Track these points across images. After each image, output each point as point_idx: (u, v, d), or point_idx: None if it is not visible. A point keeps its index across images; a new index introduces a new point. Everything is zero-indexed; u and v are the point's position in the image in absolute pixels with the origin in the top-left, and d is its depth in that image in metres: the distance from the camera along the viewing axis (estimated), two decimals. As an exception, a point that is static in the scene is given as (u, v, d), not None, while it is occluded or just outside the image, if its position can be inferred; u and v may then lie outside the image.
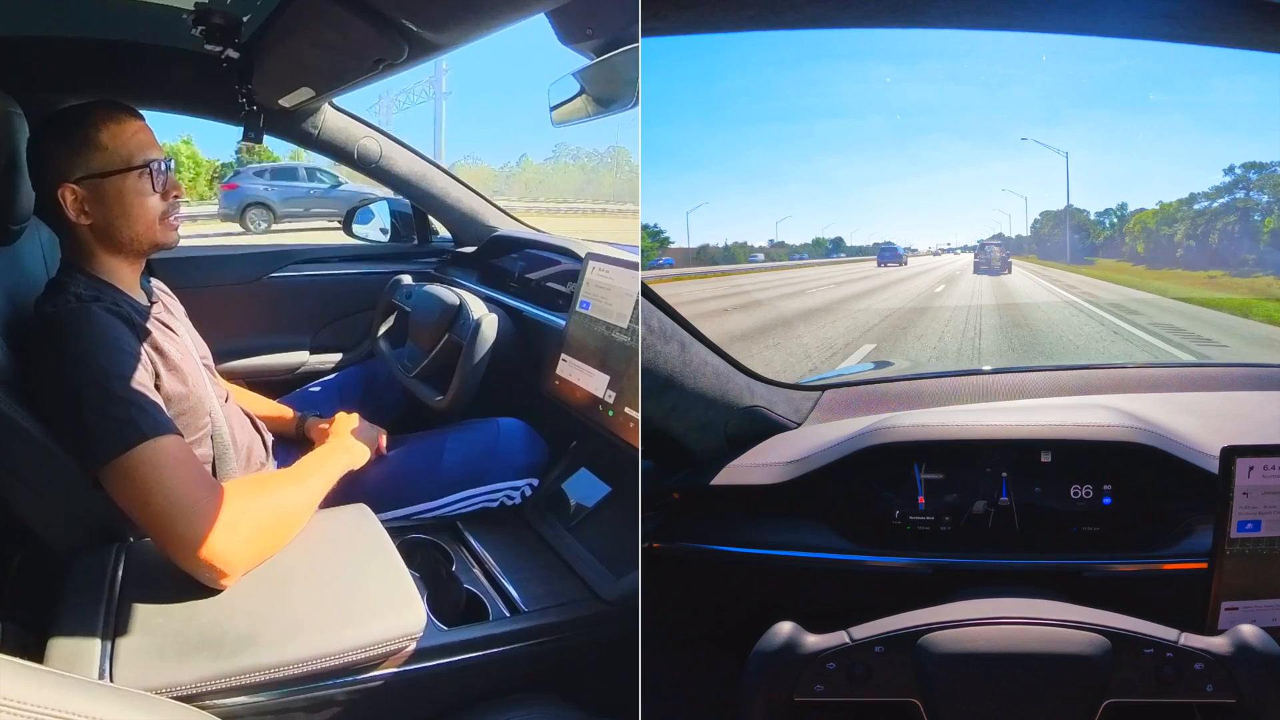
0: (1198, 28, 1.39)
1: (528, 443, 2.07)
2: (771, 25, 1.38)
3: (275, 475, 1.65)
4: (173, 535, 1.31)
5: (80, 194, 1.55)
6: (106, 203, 1.57)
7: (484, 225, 2.93)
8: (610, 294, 1.87)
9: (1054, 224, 15.15)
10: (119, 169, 1.57)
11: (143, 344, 1.50)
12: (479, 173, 27.12)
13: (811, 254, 15.51)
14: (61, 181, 1.54)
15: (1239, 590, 1.26)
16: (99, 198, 1.56)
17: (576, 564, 1.71)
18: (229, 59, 2.08)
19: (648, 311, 1.46)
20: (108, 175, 1.56)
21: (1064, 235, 14.94)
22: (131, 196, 1.58)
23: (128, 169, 1.58)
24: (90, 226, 1.57)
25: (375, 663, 1.34)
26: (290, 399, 2.29)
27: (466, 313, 2.15)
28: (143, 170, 1.59)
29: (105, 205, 1.57)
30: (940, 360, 7.08)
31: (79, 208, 1.55)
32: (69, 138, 1.55)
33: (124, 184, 1.58)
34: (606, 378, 1.81)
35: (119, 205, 1.58)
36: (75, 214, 1.55)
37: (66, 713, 0.76)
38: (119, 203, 1.58)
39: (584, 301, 1.95)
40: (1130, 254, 14.25)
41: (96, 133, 1.56)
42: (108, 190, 1.57)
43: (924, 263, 15.00)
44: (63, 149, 1.55)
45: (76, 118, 1.58)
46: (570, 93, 1.61)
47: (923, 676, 1.16)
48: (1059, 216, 15.31)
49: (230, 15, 1.91)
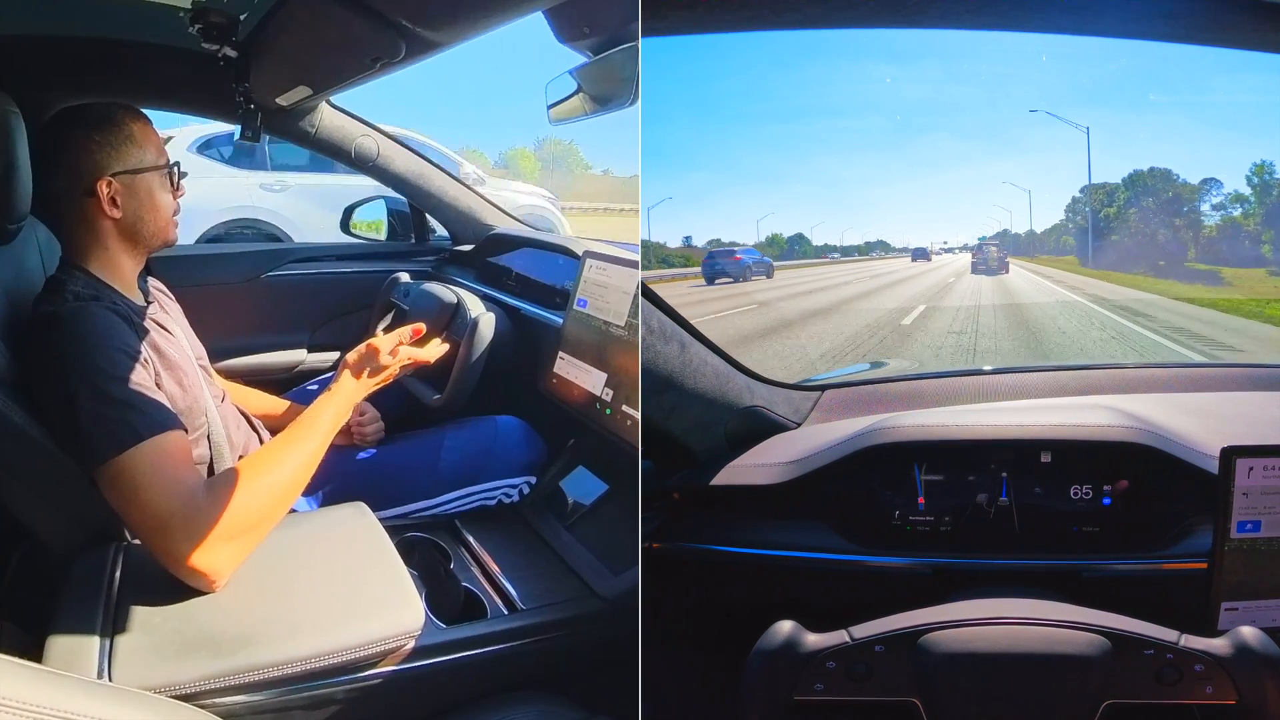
0: (1198, 28, 1.39)
1: (525, 441, 2.08)
2: (771, 25, 1.38)
3: (263, 454, 1.58)
4: (160, 541, 1.32)
5: (117, 188, 1.57)
6: (138, 198, 1.60)
7: (481, 223, 2.93)
8: (607, 292, 1.87)
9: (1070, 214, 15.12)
10: (151, 166, 1.61)
11: (141, 342, 1.50)
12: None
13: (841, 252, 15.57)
14: (100, 175, 1.56)
15: (1239, 590, 1.26)
16: (133, 192, 1.59)
17: (574, 562, 1.72)
18: (226, 57, 2.08)
19: (647, 311, 1.46)
20: (143, 171, 1.60)
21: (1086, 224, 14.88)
22: (158, 193, 1.63)
23: (157, 167, 1.63)
24: (118, 221, 1.59)
25: (374, 661, 1.34)
26: (288, 398, 2.28)
27: (464, 311, 2.15)
28: (167, 169, 1.65)
29: (137, 200, 1.60)
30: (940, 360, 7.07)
31: (113, 202, 1.57)
32: (107, 133, 1.58)
33: (153, 181, 1.62)
34: (604, 376, 1.82)
35: (149, 201, 1.62)
36: (109, 208, 1.57)
37: (66, 712, 0.75)
38: (149, 199, 1.62)
39: (581, 300, 1.96)
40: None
41: (132, 130, 1.60)
42: (140, 186, 1.60)
43: (885, 268, 15.00)
44: (102, 143, 1.57)
45: (107, 114, 1.60)
46: (567, 91, 1.61)
47: (923, 676, 1.16)
48: (1075, 206, 15.28)
49: (227, 13, 1.90)
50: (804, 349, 7.45)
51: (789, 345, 7.61)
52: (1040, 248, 14.93)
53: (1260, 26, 1.34)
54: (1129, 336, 8.03)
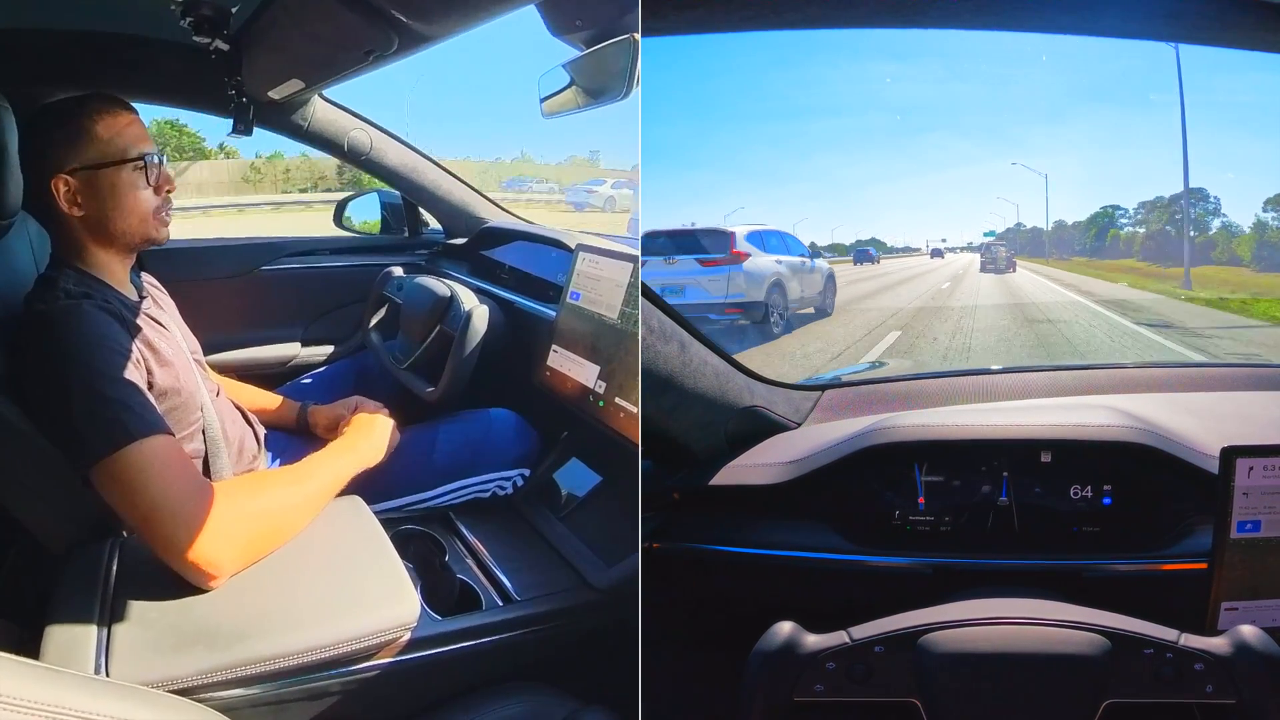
0: (1198, 28, 1.39)
1: (519, 433, 2.09)
2: (771, 25, 1.37)
3: (274, 474, 1.64)
4: (160, 536, 1.31)
5: (73, 185, 1.54)
6: (99, 195, 1.56)
7: (474, 217, 2.94)
8: (600, 285, 1.88)
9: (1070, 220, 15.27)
10: (113, 161, 1.56)
11: (134, 340, 1.49)
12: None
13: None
14: (55, 172, 1.53)
15: (1239, 590, 1.26)
16: (92, 189, 1.55)
17: (568, 553, 1.73)
18: (218, 51, 2.06)
19: (647, 311, 1.46)
20: (102, 167, 1.56)
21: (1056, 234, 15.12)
22: (125, 190, 1.58)
23: (122, 161, 1.57)
24: (82, 219, 1.56)
25: (370, 653, 1.34)
26: (282, 391, 2.27)
27: (457, 304, 2.16)
28: (136, 163, 1.58)
29: (98, 197, 1.56)
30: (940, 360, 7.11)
31: (71, 199, 1.54)
32: (64, 128, 1.55)
33: (117, 177, 1.57)
34: (597, 368, 1.82)
35: (112, 198, 1.57)
36: (67, 205, 1.54)
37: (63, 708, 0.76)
38: (112, 195, 1.57)
39: (574, 292, 1.96)
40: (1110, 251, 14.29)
41: (92, 124, 1.56)
42: (101, 182, 1.56)
43: (919, 264, 15.22)
44: (57, 139, 1.54)
45: (71, 109, 1.57)
46: (560, 84, 1.60)
47: (923, 676, 1.16)
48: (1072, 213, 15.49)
49: (219, 6, 1.88)
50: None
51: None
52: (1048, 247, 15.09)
53: (1260, 26, 1.34)
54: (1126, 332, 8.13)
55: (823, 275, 9.33)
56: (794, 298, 8.35)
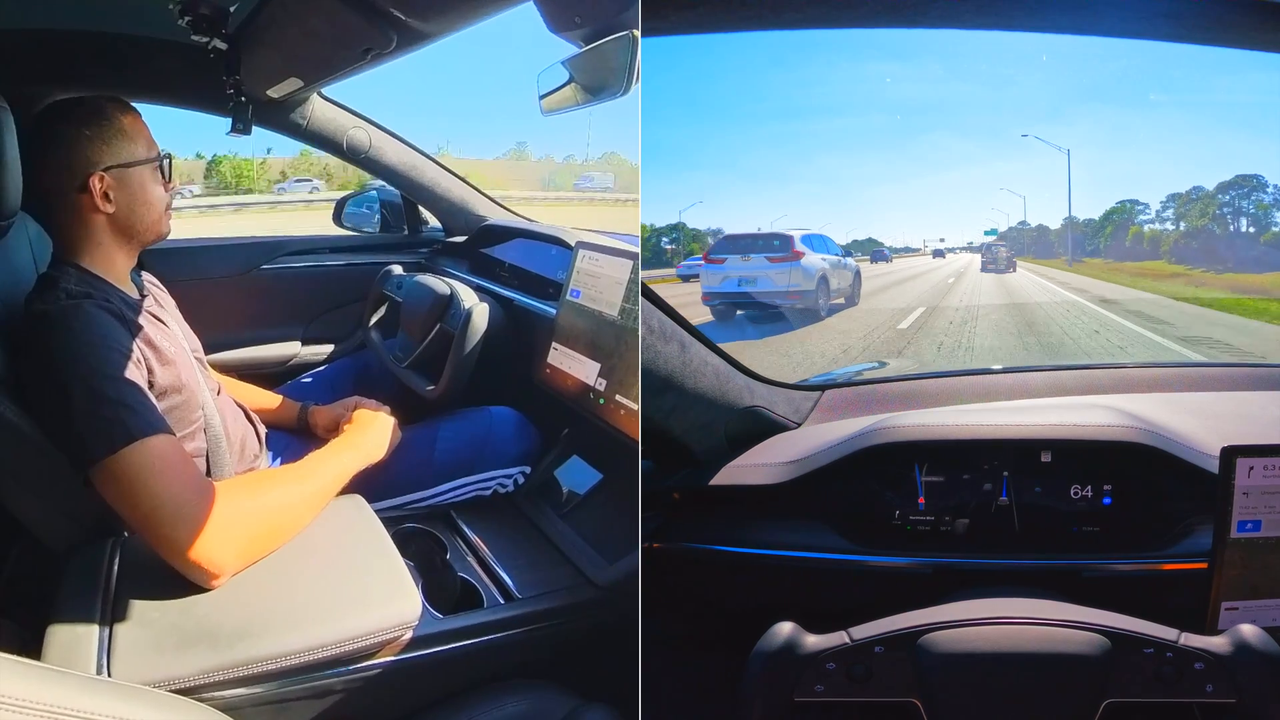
0: (1198, 28, 1.39)
1: (520, 431, 2.09)
2: (772, 25, 1.37)
3: (275, 473, 1.64)
4: (161, 536, 1.31)
5: (108, 182, 1.57)
6: (130, 192, 1.60)
7: (474, 215, 2.94)
8: (600, 282, 1.88)
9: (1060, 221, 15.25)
10: (143, 159, 1.61)
11: (135, 339, 1.49)
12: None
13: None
14: (92, 169, 1.56)
15: (1239, 590, 1.26)
16: (124, 187, 1.59)
17: (569, 550, 1.74)
18: (216, 49, 2.06)
19: (647, 311, 1.46)
20: (135, 165, 1.60)
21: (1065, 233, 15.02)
22: (151, 186, 1.63)
23: (149, 160, 1.62)
24: (111, 216, 1.59)
25: (372, 652, 1.35)
26: (283, 391, 2.27)
27: (457, 302, 2.16)
28: (158, 162, 1.64)
29: (129, 194, 1.60)
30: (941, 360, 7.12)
31: (105, 196, 1.57)
32: (96, 127, 1.57)
33: (145, 174, 1.62)
34: (597, 366, 1.83)
35: (141, 194, 1.62)
36: (101, 202, 1.57)
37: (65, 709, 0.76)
38: (141, 192, 1.62)
39: (574, 290, 1.96)
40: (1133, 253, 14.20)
41: (122, 123, 1.59)
42: (132, 180, 1.60)
43: (922, 263, 15.32)
44: (92, 137, 1.57)
45: (100, 108, 1.60)
46: (559, 81, 1.60)
47: (923, 676, 1.15)
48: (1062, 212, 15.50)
49: (217, 5, 1.89)
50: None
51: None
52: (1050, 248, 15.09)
53: (1260, 26, 1.34)
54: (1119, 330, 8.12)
55: (851, 271, 10.79)
56: (834, 289, 9.88)
